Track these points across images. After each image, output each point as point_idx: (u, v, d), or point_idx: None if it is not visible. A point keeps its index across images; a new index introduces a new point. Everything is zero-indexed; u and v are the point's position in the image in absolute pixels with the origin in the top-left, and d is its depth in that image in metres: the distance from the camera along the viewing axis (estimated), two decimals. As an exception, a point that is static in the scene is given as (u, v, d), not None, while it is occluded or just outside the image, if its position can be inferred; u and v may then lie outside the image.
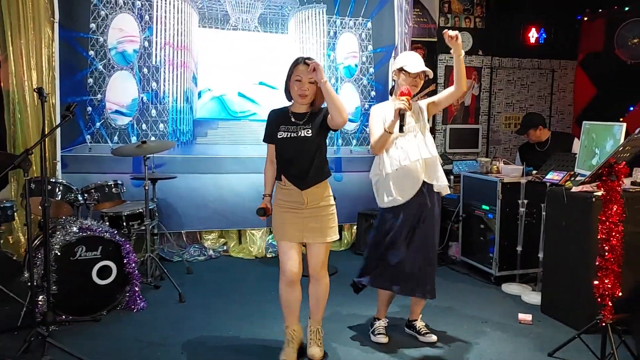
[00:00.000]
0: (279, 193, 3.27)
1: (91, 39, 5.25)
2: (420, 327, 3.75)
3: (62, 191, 4.30)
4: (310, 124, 3.18)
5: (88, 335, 3.70)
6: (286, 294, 3.31)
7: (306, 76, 3.10)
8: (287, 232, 3.23)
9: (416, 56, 3.56)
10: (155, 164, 5.26)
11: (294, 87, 3.14)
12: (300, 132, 3.15)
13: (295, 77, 3.13)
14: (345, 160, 6.15)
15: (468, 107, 7.16)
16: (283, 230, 3.24)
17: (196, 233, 5.89)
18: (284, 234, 3.25)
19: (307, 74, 3.09)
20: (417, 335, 3.74)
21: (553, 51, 7.37)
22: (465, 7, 7.00)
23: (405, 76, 3.49)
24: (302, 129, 3.16)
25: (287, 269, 3.25)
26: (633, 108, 6.64)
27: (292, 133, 3.16)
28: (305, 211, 3.20)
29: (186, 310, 4.22)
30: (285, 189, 3.23)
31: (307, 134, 3.16)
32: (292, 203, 3.21)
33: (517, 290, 4.65)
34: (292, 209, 3.21)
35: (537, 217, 4.66)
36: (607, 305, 3.09)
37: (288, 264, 3.24)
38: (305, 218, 3.21)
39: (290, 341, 3.35)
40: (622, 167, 3.04)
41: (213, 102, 5.76)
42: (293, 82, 3.15)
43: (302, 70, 3.11)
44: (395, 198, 3.41)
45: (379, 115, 3.51)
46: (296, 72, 3.13)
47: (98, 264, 4.01)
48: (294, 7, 5.90)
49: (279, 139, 3.20)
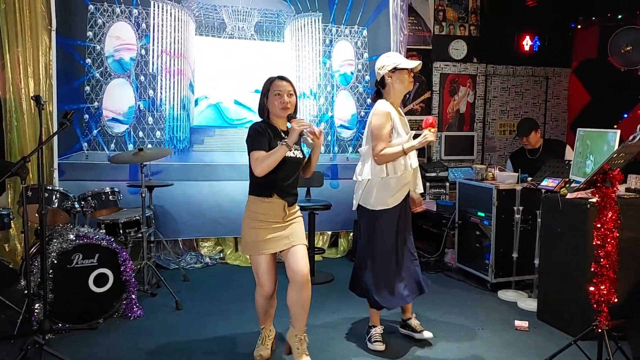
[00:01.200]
0: (258, 207, 3.21)
1: (88, 47, 5.26)
2: (415, 325, 3.83)
3: (59, 199, 4.30)
4: (297, 144, 3.24)
5: (85, 343, 3.69)
6: (264, 306, 3.41)
7: (285, 89, 3.20)
8: (265, 246, 3.20)
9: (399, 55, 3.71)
10: (151, 172, 5.26)
11: (274, 102, 3.19)
12: (295, 153, 3.22)
13: (276, 92, 3.19)
14: (341, 167, 6.17)
15: (463, 114, 7.19)
16: (260, 245, 3.21)
17: (193, 240, 5.89)
18: (260, 248, 3.21)
19: (285, 87, 3.20)
20: (414, 334, 3.81)
21: (547, 58, 7.41)
22: (460, 15, 7.04)
23: (402, 74, 3.49)
24: (295, 149, 3.21)
25: (267, 284, 3.29)
26: (627, 115, 6.68)
27: (289, 152, 3.16)
28: (284, 224, 3.24)
29: (183, 318, 4.21)
30: (268, 202, 3.20)
31: (300, 155, 3.28)
32: (272, 217, 3.21)
33: (513, 297, 4.66)
34: (272, 222, 3.20)
35: (532, 223, 4.68)
36: (603, 312, 3.10)
37: (267, 278, 3.28)
38: (286, 226, 3.25)
39: (265, 338, 3.48)
40: (617, 173, 3.05)
41: (209, 109, 5.77)
42: (273, 97, 3.20)
43: (280, 85, 3.21)
44: (387, 202, 3.53)
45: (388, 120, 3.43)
46: (274, 87, 3.20)
47: (95, 271, 4.00)
48: (290, 16, 5.93)
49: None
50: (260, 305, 3.41)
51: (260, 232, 3.20)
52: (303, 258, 3.25)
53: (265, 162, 3.08)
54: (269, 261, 3.25)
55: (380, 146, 3.40)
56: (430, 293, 3.91)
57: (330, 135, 6.12)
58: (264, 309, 3.42)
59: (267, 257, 3.23)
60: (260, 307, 3.41)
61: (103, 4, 5.28)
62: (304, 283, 3.22)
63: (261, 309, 3.42)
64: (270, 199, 3.20)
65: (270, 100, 3.22)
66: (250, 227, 3.24)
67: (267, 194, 3.20)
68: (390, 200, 3.53)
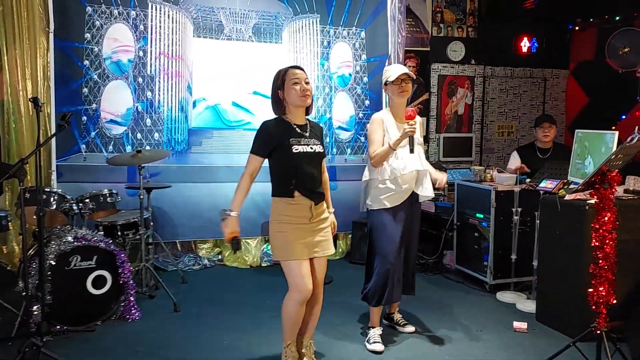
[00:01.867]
0: (283, 209, 3.04)
1: (86, 49, 5.26)
2: (398, 319, 4.03)
3: (57, 200, 4.29)
4: (315, 138, 3.11)
5: (83, 346, 3.69)
6: (299, 313, 3.09)
7: (302, 77, 3.03)
8: (297, 250, 3.02)
9: (396, 65, 3.87)
10: (150, 173, 5.25)
11: (291, 91, 3.01)
12: (313, 147, 3.07)
13: (292, 80, 3.01)
14: (340, 169, 6.17)
15: (461, 116, 7.20)
16: (292, 248, 3.01)
17: (191, 242, 5.88)
18: (293, 252, 3.01)
19: (301, 75, 3.04)
20: (397, 327, 4.02)
21: (545, 60, 7.43)
22: (458, 17, 7.05)
23: (391, 86, 3.66)
24: (313, 143, 3.07)
25: (305, 288, 3.02)
26: (625, 116, 6.70)
27: (306, 147, 3.04)
28: (311, 225, 3.07)
29: (181, 320, 4.20)
30: (294, 204, 3.02)
31: (320, 149, 3.12)
32: (299, 218, 3.03)
33: (511, 299, 4.66)
34: (299, 224, 3.03)
35: (531, 225, 4.68)
36: (601, 313, 3.10)
37: (305, 281, 3.02)
38: (313, 232, 3.07)
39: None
40: (615, 175, 3.06)
41: (208, 111, 5.77)
42: (289, 86, 3.02)
43: (296, 73, 3.04)
44: (384, 203, 3.63)
45: (380, 125, 3.64)
46: (290, 77, 3.03)
47: (93, 273, 3.99)
48: (288, 17, 5.93)
49: (294, 153, 3.00)
50: (292, 313, 3.07)
51: (288, 235, 3.02)
52: (322, 271, 3.17)
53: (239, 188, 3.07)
54: (304, 264, 3.04)
55: (371, 149, 3.61)
56: (429, 294, 3.94)
57: (328, 137, 6.12)
58: (298, 318, 3.11)
59: (298, 260, 3.02)
60: (293, 315, 3.08)
61: (101, 6, 5.27)
62: (318, 295, 3.17)
63: (292, 317, 3.09)
64: (293, 199, 3.02)
65: (287, 90, 3.02)
66: (277, 231, 3.06)
67: (289, 194, 3.02)
68: (388, 201, 3.62)
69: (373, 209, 3.69)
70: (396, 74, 3.62)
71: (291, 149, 2.99)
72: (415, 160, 3.61)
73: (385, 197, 3.62)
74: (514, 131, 7.51)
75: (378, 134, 3.60)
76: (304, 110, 3.12)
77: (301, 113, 3.12)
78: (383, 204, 3.63)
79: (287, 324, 3.12)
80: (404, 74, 3.62)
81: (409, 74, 3.65)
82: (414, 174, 3.63)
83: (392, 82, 3.63)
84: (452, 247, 5.40)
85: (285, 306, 3.09)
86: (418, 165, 3.62)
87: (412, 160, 3.59)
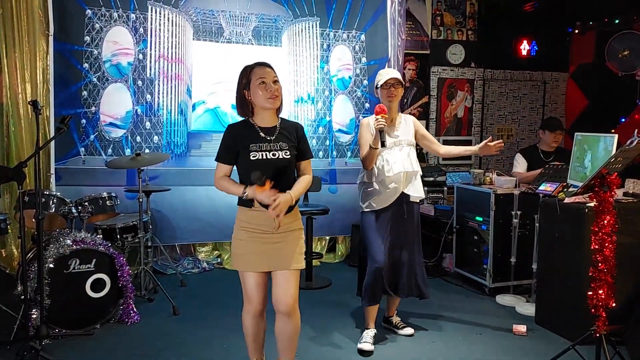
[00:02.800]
0: (244, 216, 2.86)
1: (85, 52, 5.26)
2: (397, 322, 4.05)
3: (56, 204, 4.29)
4: (284, 142, 2.84)
5: (81, 349, 3.68)
6: (253, 327, 2.97)
7: (269, 76, 2.79)
8: (252, 262, 2.84)
9: (387, 70, 3.88)
10: (149, 177, 5.25)
11: (258, 91, 2.77)
12: (277, 153, 2.79)
13: (259, 80, 2.77)
14: (339, 172, 6.17)
15: (461, 119, 7.20)
16: (247, 259, 2.85)
17: (190, 245, 5.87)
18: (248, 264, 2.85)
19: (269, 74, 2.80)
20: (395, 330, 4.02)
21: (544, 63, 7.44)
22: (458, 20, 7.06)
23: (381, 90, 3.71)
24: (278, 148, 2.80)
25: (255, 300, 2.88)
26: (624, 119, 6.70)
27: (267, 153, 2.78)
28: (274, 236, 2.83)
29: (180, 323, 4.20)
30: (255, 210, 2.81)
31: (286, 155, 2.82)
32: (260, 227, 2.82)
33: (511, 302, 4.65)
34: (260, 234, 2.82)
35: (530, 228, 4.68)
36: (601, 316, 3.10)
37: (256, 294, 2.88)
38: (275, 243, 2.83)
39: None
40: (614, 178, 3.06)
41: (207, 114, 5.77)
42: (255, 87, 2.78)
43: (262, 72, 2.80)
44: (371, 204, 3.69)
45: (367, 129, 3.69)
46: (256, 75, 2.79)
47: (92, 276, 3.99)
48: (288, 20, 5.94)
49: (252, 160, 2.76)
50: (248, 327, 2.97)
51: (246, 245, 2.84)
52: (290, 286, 2.86)
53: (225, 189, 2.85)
54: (257, 277, 2.87)
55: (361, 152, 3.70)
56: (428, 297, 3.93)
57: (328, 140, 6.12)
58: (253, 332, 2.99)
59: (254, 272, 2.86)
60: (249, 329, 2.97)
61: (100, 9, 5.28)
62: (290, 313, 2.87)
63: (250, 331, 2.98)
64: (253, 208, 2.82)
65: (253, 91, 2.79)
66: (236, 238, 2.90)
67: (247, 203, 2.82)
68: (375, 202, 3.68)
69: (363, 210, 3.76)
70: (385, 78, 3.67)
71: (249, 155, 2.77)
72: (403, 162, 3.64)
73: (373, 199, 3.69)
74: (514, 134, 7.51)
75: (366, 139, 3.63)
76: (274, 111, 2.88)
77: (270, 114, 2.87)
78: (371, 205, 3.69)
79: (246, 338, 3.03)
80: (392, 79, 3.66)
81: (398, 78, 3.68)
82: (402, 176, 3.64)
83: (381, 87, 3.68)
84: (452, 250, 5.40)
85: (242, 318, 2.99)
86: (406, 167, 3.64)
87: (399, 161, 3.63)
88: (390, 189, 3.64)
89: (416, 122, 3.87)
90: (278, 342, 2.98)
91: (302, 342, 3.74)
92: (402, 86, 3.72)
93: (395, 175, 3.62)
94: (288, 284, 2.86)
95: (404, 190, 3.68)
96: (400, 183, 3.65)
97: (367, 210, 3.73)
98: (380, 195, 3.66)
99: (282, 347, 2.98)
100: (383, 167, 3.62)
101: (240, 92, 2.85)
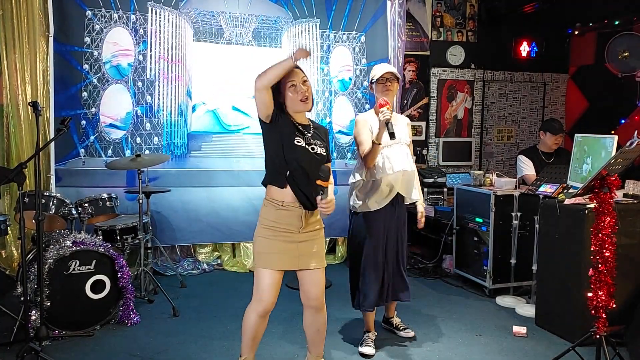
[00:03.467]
0: (270, 214, 2.86)
1: (86, 53, 5.26)
2: (397, 323, 3.99)
3: (55, 205, 4.29)
4: (319, 140, 2.90)
5: (81, 350, 3.68)
6: (257, 326, 2.95)
7: (298, 78, 2.80)
8: (278, 260, 2.86)
9: (381, 65, 3.76)
10: (149, 178, 5.26)
11: (289, 94, 2.80)
12: (315, 148, 2.85)
13: (289, 84, 2.79)
14: (340, 173, 6.14)
15: (461, 120, 7.20)
16: (272, 258, 2.86)
17: (190, 247, 5.87)
18: (272, 262, 2.86)
19: (298, 75, 2.81)
20: (396, 331, 3.98)
21: (544, 64, 7.45)
22: (457, 21, 7.06)
23: (376, 85, 3.60)
24: (315, 144, 2.86)
25: (267, 300, 2.88)
26: (624, 121, 6.70)
27: (307, 145, 2.83)
28: (300, 235, 2.87)
29: (180, 324, 4.20)
30: (283, 209, 2.84)
31: (323, 152, 2.89)
32: (286, 226, 2.85)
33: (511, 303, 4.65)
34: (285, 233, 2.85)
35: (530, 229, 4.68)
36: (601, 318, 3.10)
37: (269, 293, 2.87)
38: (301, 242, 2.88)
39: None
40: (614, 179, 3.06)
41: (207, 115, 5.77)
42: (286, 91, 2.81)
43: (292, 74, 2.79)
44: (367, 205, 3.57)
45: (365, 125, 3.55)
46: (285, 79, 2.78)
47: (92, 278, 3.99)
48: (288, 22, 5.94)
49: (296, 145, 2.79)
50: (253, 324, 2.94)
51: (271, 244, 2.85)
52: (320, 283, 2.96)
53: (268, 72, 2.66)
54: (275, 276, 2.87)
55: (361, 150, 3.51)
56: (428, 299, 3.93)
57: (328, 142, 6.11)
58: (255, 330, 2.96)
59: (274, 271, 2.87)
60: (253, 327, 2.94)
61: (100, 10, 5.28)
62: (320, 308, 3.01)
63: (252, 329, 2.95)
64: (280, 203, 2.84)
65: (285, 95, 2.81)
66: (260, 236, 2.89)
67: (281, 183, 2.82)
68: (372, 203, 3.57)
69: (357, 211, 3.64)
70: (381, 73, 3.58)
71: (293, 140, 2.79)
72: (403, 160, 3.53)
73: (370, 199, 3.56)
74: (514, 135, 7.51)
75: (365, 134, 3.50)
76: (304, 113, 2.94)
77: (302, 115, 2.93)
78: (367, 206, 3.58)
79: (245, 335, 2.98)
80: (388, 73, 3.57)
81: (394, 73, 3.60)
82: (399, 176, 3.54)
83: (377, 81, 3.59)
84: (452, 252, 5.39)
85: (246, 316, 2.96)
86: (405, 166, 3.54)
87: (400, 159, 3.52)
88: (389, 189, 3.54)
89: (409, 126, 3.78)
90: (307, 335, 3.11)
91: (302, 343, 3.75)
92: (397, 81, 3.62)
93: (395, 173, 3.50)
94: (318, 279, 2.97)
95: (400, 191, 3.59)
96: (397, 184, 3.56)
97: (362, 211, 3.62)
98: (379, 196, 3.55)
99: (311, 339, 3.10)
100: (384, 165, 3.49)
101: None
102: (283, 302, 3.33)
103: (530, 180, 4.89)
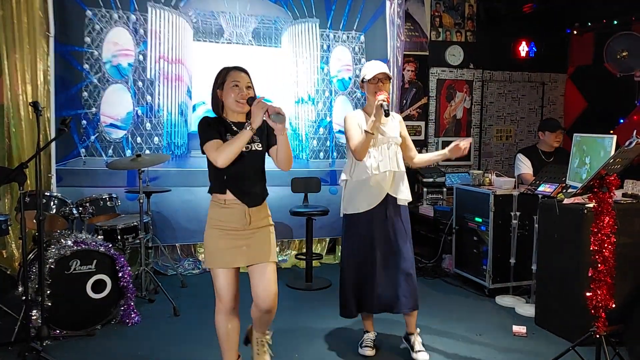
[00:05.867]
0: (215, 213, 2.89)
1: (86, 53, 5.27)
2: (413, 342, 3.63)
3: (56, 205, 4.30)
4: (255, 135, 2.83)
5: (82, 350, 3.69)
6: (225, 326, 2.96)
7: (243, 81, 2.88)
8: (225, 258, 2.86)
9: (374, 63, 3.57)
10: (149, 177, 5.27)
11: (230, 93, 2.86)
12: (250, 145, 2.86)
13: (233, 83, 2.86)
14: (340, 173, 6.15)
15: (460, 120, 7.21)
16: (219, 256, 2.86)
17: (190, 246, 5.88)
18: (220, 261, 2.86)
19: (244, 79, 2.89)
20: (410, 351, 3.66)
21: (543, 64, 7.46)
22: (456, 21, 7.07)
23: (367, 85, 3.49)
24: (250, 141, 2.84)
25: (226, 297, 2.90)
26: (623, 120, 6.71)
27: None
28: (246, 232, 2.87)
29: (181, 324, 4.21)
30: (226, 207, 2.86)
31: (258, 147, 2.90)
32: (231, 224, 2.86)
33: (511, 303, 4.67)
34: (231, 231, 2.86)
35: (529, 229, 4.70)
36: (600, 317, 3.11)
37: (227, 291, 2.90)
38: (248, 239, 2.88)
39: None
40: (613, 178, 3.07)
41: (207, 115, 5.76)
42: (229, 88, 2.87)
43: (238, 76, 2.89)
44: (356, 206, 3.47)
45: (353, 122, 3.48)
46: (231, 78, 2.88)
47: (92, 277, 3.99)
48: (287, 21, 5.94)
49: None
50: (221, 326, 2.96)
51: (218, 242, 2.86)
52: (269, 283, 2.90)
53: (228, 149, 2.72)
54: (228, 275, 2.89)
55: (352, 144, 3.41)
56: (428, 299, 3.91)
57: (329, 141, 6.13)
58: (226, 334, 2.96)
59: (227, 270, 2.88)
60: (222, 328, 2.96)
61: (101, 10, 5.28)
62: (270, 311, 2.95)
63: (224, 334, 2.96)
64: (223, 202, 2.86)
65: (226, 92, 2.88)
66: (208, 236, 2.91)
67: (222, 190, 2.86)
68: (360, 204, 3.46)
69: (347, 212, 3.53)
70: (373, 73, 3.43)
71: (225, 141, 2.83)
72: (390, 160, 3.45)
73: (358, 200, 3.46)
74: (513, 135, 7.53)
75: (355, 130, 3.42)
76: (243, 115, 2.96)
77: (239, 117, 2.96)
78: (356, 207, 3.47)
79: (218, 338, 3.00)
80: (381, 73, 3.43)
81: (387, 73, 3.48)
82: (388, 175, 3.44)
83: (369, 81, 3.46)
84: (451, 251, 5.41)
85: (215, 319, 2.99)
86: (393, 166, 3.46)
87: (386, 160, 3.43)
88: (376, 189, 3.43)
89: (402, 122, 3.65)
90: (254, 321, 3.09)
91: (302, 344, 3.76)
92: (389, 81, 3.51)
93: (381, 174, 3.41)
94: (267, 280, 2.91)
95: (390, 192, 3.47)
96: (386, 184, 3.45)
97: (351, 213, 3.50)
98: (366, 196, 3.45)
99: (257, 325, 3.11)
100: (371, 165, 3.40)
101: (214, 90, 2.95)
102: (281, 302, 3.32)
103: (526, 180, 4.91)
